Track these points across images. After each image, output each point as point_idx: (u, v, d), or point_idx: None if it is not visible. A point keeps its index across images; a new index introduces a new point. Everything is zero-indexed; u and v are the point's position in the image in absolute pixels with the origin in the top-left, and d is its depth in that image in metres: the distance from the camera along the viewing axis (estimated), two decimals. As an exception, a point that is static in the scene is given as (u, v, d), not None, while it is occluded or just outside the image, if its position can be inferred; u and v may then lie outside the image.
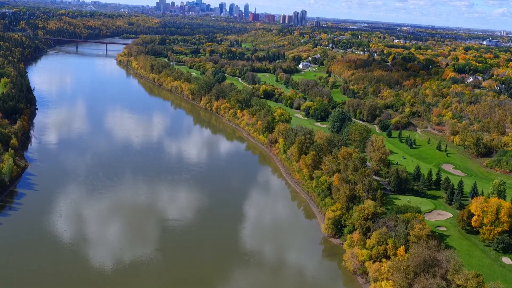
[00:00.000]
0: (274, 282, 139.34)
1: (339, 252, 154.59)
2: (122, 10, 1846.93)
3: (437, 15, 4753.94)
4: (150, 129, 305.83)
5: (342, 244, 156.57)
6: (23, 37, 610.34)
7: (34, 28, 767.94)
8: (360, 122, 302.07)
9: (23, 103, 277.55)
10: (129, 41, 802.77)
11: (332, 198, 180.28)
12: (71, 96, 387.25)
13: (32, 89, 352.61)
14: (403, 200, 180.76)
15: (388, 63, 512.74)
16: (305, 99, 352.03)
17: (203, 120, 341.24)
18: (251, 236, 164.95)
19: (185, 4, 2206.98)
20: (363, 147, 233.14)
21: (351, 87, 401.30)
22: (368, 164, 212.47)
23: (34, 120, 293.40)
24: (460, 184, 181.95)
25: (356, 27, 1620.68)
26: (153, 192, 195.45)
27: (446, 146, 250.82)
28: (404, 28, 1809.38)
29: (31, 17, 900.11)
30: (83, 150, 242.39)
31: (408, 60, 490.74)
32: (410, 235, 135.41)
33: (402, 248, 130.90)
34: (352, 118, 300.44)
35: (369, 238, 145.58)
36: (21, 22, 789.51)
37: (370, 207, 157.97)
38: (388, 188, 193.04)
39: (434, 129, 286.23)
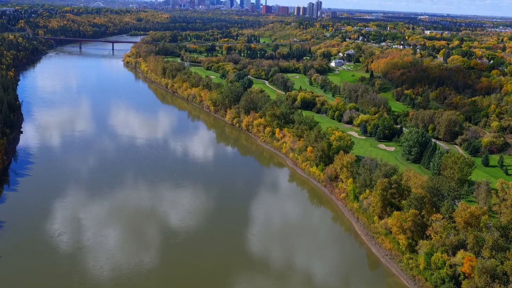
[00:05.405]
0: None
1: None
2: (131, 5, 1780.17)
3: (448, 3, 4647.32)
4: (168, 148, 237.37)
5: None
6: (20, 38, 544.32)
7: (35, 27, 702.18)
8: (438, 142, 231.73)
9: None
10: (138, 39, 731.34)
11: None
12: (69, 112, 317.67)
13: (19, 104, 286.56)
14: None
15: (440, 59, 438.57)
16: (357, 110, 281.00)
17: (229, 139, 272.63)
18: None
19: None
20: (468, 192, 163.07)
21: (406, 91, 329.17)
22: (489, 224, 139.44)
23: (17, 147, 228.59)
24: None
25: (373, 18, 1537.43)
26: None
27: None
28: (423, 17, 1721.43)
29: (33, 15, 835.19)
30: (81, 197, 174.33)
31: (466, 55, 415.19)
32: None
33: None
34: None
35: None
36: (20, 21, 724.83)
37: None
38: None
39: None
